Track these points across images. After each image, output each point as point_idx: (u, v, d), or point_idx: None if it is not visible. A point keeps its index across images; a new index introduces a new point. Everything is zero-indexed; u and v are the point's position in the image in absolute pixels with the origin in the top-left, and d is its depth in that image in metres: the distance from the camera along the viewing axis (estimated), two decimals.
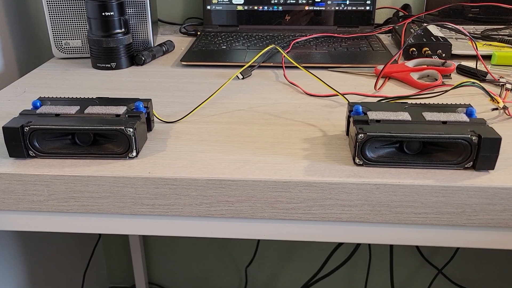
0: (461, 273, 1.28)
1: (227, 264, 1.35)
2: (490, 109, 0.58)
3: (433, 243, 0.47)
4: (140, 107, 0.51)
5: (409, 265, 1.30)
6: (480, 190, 0.43)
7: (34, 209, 0.47)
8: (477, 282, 1.29)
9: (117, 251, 1.36)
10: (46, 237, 0.97)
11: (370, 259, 1.24)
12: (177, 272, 1.39)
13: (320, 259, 1.30)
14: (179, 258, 1.36)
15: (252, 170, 0.45)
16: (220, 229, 0.48)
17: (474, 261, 1.26)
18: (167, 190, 0.45)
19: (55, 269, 1.02)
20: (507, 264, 1.26)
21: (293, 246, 1.30)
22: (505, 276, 1.28)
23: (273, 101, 0.62)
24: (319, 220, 0.46)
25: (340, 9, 0.95)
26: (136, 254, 1.29)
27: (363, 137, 0.44)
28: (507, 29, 0.90)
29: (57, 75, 0.74)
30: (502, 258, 1.25)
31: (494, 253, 1.25)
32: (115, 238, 1.33)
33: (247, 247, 1.31)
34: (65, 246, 1.06)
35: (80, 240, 1.15)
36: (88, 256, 1.20)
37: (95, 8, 0.72)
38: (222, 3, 0.96)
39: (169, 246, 1.34)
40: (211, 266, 1.36)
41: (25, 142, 0.47)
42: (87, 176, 0.45)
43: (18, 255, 0.86)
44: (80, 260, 1.16)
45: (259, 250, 1.31)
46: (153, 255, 1.36)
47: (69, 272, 1.09)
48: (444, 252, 1.25)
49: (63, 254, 1.06)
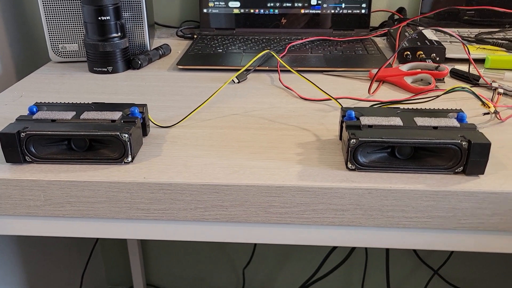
0: (457, 274, 1.29)
1: (224, 266, 1.36)
2: (481, 113, 0.59)
3: (425, 246, 0.48)
4: (135, 112, 0.52)
5: (405, 266, 1.30)
6: (470, 195, 0.44)
7: (31, 213, 0.48)
8: (473, 282, 1.30)
9: (115, 253, 1.37)
10: (43, 239, 0.98)
11: (366, 260, 1.24)
12: (175, 273, 1.39)
13: (317, 261, 1.31)
14: (177, 260, 1.37)
15: (246, 175, 0.46)
16: (215, 233, 0.49)
17: (470, 262, 1.27)
18: (162, 195, 0.46)
19: (53, 271, 1.03)
20: (502, 264, 1.27)
21: (290, 248, 1.31)
22: (500, 276, 1.29)
23: (268, 105, 0.63)
24: (312, 224, 0.46)
25: (336, 12, 0.96)
26: (134, 255, 1.30)
27: (355, 142, 0.45)
28: (501, 32, 0.91)
29: (54, 79, 0.74)
30: (497, 258, 1.26)
31: (489, 254, 1.26)
32: (113, 240, 1.34)
33: (245, 248, 1.32)
34: (63, 248, 1.07)
35: (78, 242, 1.15)
36: (86, 258, 1.21)
37: (92, 12, 0.72)
38: (218, 6, 0.96)
39: (167, 247, 1.35)
40: (208, 267, 1.37)
41: (22, 148, 0.47)
42: (83, 181, 0.46)
43: (16, 258, 0.87)
44: (78, 262, 1.16)
45: (256, 251, 1.32)
46: (151, 257, 1.37)
47: (67, 274, 1.10)
48: (439, 253, 1.25)
49: (61, 256, 1.06)
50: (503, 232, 0.46)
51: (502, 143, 0.52)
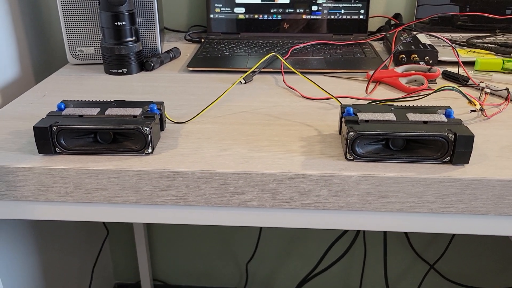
0: (452, 269, 1.34)
1: (228, 260, 1.41)
2: (469, 111, 0.64)
3: (416, 229, 0.53)
4: (154, 109, 0.57)
5: (403, 261, 1.35)
6: (456, 182, 0.49)
7: (61, 200, 0.53)
8: (468, 277, 1.35)
9: (123, 249, 1.42)
10: (57, 233, 1.03)
11: (365, 254, 1.29)
12: (180, 269, 1.44)
13: (317, 255, 1.36)
14: (182, 256, 1.42)
15: (255, 165, 0.51)
16: (227, 217, 0.54)
17: (465, 257, 1.32)
18: (179, 182, 0.51)
19: (65, 265, 1.08)
20: (497, 259, 1.32)
21: (291, 243, 1.36)
22: (495, 271, 1.34)
23: (273, 104, 0.68)
24: (315, 208, 0.52)
25: (335, 18, 1.01)
26: (141, 252, 1.34)
27: (353, 135, 0.50)
28: (491, 37, 0.97)
29: (73, 80, 0.80)
30: (492, 253, 1.31)
31: (484, 249, 1.31)
32: (121, 236, 1.39)
33: (248, 244, 1.37)
34: (75, 243, 1.12)
35: (88, 236, 1.20)
36: (96, 253, 1.26)
37: (109, 18, 0.78)
38: (224, 12, 1.02)
39: (173, 244, 1.40)
40: (213, 262, 1.42)
41: (53, 140, 0.53)
42: (109, 170, 0.51)
43: (32, 250, 0.92)
44: (88, 257, 1.21)
45: (259, 246, 1.37)
46: (157, 253, 1.42)
47: (78, 268, 1.15)
48: (435, 248, 1.30)
49: (72, 250, 1.11)
50: (485, 216, 0.51)
51: (487, 137, 0.57)
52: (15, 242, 0.86)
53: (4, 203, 0.55)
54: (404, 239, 1.31)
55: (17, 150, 0.55)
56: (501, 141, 0.56)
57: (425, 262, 1.31)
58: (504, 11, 1.02)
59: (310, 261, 1.38)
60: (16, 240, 0.86)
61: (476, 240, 1.30)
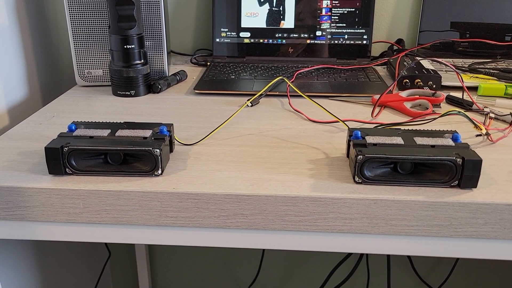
0: None
1: (230, 285, 1.39)
2: (474, 135, 0.65)
3: (424, 253, 0.53)
4: (164, 130, 0.57)
5: (406, 285, 1.34)
6: (465, 206, 0.49)
7: (70, 220, 0.53)
8: None
9: (124, 270, 1.40)
10: (59, 253, 1.02)
11: (368, 278, 1.28)
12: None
13: (320, 279, 1.35)
14: (183, 278, 1.40)
15: (264, 187, 0.52)
16: (235, 239, 0.54)
17: (469, 281, 1.31)
18: (189, 204, 0.52)
19: (66, 286, 1.06)
20: (502, 285, 1.31)
21: (294, 266, 1.35)
22: None
23: (280, 127, 0.69)
24: (323, 231, 0.52)
25: (339, 43, 1.03)
26: (142, 273, 1.33)
27: (362, 158, 0.51)
28: (493, 63, 0.98)
29: (81, 101, 0.80)
30: (496, 278, 1.30)
31: (488, 274, 1.30)
32: (122, 257, 1.38)
33: (250, 267, 1.36)
34: (76, 264, 1.11)
35: (90, 257, 1.19)
36: (97, 273, 1.24)
37: (118, 41, 0.79)
38: (230, 36, 1.04)
39: (174, 266, 1.38)
40: (214, 285, 1.40)
41: (64, 161, 0.53)
42: (119, 191, 0.51)
43: (33, 270, 0.91)
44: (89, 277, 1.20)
45: (261, 270, 1.35)
46: (158, 275, 1.40)
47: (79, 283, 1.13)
48: (439, 272, 1.29)
49: (73, 271, 1.10)
50: (494, 240, 0.51)
51: (493, 161, 0.58)
52: (16, 261, 0.85)
53: (13, 224, 0.55)
54: (408, 263, 1.30)
55: (27, 171, 0.55)
56: (508, 165, 0.57)
57: (428, 286, 1.30)
58: (504, 37, 1.04)
59: (313, 285, 1.36)
60: (17, 259, 0.85)
61: (480, 266, 1.29)
